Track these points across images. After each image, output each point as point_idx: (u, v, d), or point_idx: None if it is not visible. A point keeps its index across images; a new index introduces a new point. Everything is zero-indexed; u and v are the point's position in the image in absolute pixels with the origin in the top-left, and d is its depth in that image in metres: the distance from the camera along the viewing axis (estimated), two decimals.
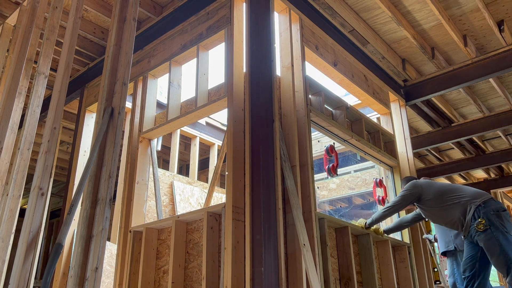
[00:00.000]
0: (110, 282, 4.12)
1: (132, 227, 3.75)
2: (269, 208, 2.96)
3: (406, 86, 5.73)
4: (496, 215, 3.43)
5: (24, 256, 2.77)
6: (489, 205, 3.48)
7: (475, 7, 4.62)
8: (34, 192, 2.99)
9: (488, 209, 3.46)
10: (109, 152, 2.78)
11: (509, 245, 3.37)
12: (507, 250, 3.35)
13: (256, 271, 2.74)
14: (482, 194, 3.59)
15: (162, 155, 8.35)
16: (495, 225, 3.40)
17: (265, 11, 3.54)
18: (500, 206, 3.49)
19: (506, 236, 3.39)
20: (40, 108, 3.61)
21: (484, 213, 3.45)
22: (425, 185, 3.79)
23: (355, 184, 5.84)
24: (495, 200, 3.55)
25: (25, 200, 8.39)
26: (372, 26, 4.86)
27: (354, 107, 4.78)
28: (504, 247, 3.36)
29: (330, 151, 4.11)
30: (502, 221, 3.42)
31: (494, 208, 3.46)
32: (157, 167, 4.32)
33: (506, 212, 3.49)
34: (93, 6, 4.64)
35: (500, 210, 3.46)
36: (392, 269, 3.98)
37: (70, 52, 3.46)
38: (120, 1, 3.37)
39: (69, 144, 7.41)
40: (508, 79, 5.93)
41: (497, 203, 3.53)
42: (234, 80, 3.35)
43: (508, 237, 3.40)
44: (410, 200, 3.78)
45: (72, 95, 5.52)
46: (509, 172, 9.09)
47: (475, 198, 3.55)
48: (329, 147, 4.15)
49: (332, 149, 4.14)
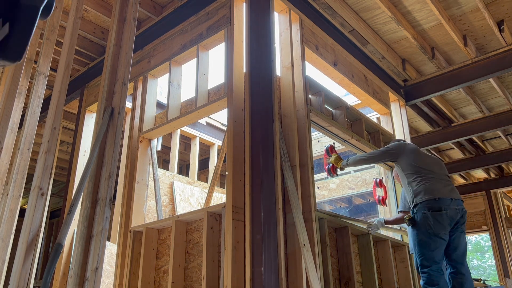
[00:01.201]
0: (110, 282, 4.12)
1: (132, 227, 3.75)
2: (269, 208, 2.96)
3: (406, 86, 5.73)
4: (430, 215, 3.24)
5: (24, 256, 2.77)
6: (429, 203, 3.28)
7: (475, 7, 4.62)
8: (34, 192, 2.99)
9: (424, 206, 3.28)
10: (109, 152, 2.78)
11: (424, 248, 3.22)
12: (419, 252, 3.24)
13: (256, 271, 2.74)
14: (438, 192, 3.32)
15: (162, 155, 8.35)
16: (419, 224, 3.27)
17: (265, 11, 3.54)
18: (438, 206, 3.25)
19: (427, 237, 3.23)
20: (40, 108, 3.60)
21: (418, 209, 3.31)
22: (409, 151, 3.59)
23: (355, 184, 5.84)
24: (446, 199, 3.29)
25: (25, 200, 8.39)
26: (372, 26, 4.86)
27: (354, 107, 4.78)
28: (418, 248, 3.25)
29: (330, 151, 4.11)
30: (430, 222, 3.23)
31: (431, 207, 3.26)
32: (157, 167, 4.32)
33: (441, 214, 3.25)
34: (93, 6, 4.64)
35: (437, 210, 3.25)
36: (392, 269, 3.98)
37: (70, 52, 3.46)
38: (120, 1, 3.37)
39: (69, 144, 7.41)
40: (508, 79, 5.93)
41: (440, 202, 3.27)
42: (234, 80, 3.35)
43: (426, 239, 3.23)
44: (387, 158, 3.67)
45: (72, 95, 5.52)
46: (509, 172, 9.09)
47: (430, 192, 3.31)
48: (329, 147, 4.15)
49: (332, 149, 4.14)
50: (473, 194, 9.40)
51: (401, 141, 3.78)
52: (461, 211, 3.34)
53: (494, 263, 9.09)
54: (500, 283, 8.77)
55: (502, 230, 8.80)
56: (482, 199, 9.26)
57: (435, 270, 3.18)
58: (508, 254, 8.54)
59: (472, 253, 21.55)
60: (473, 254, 21.50)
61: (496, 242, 8.74)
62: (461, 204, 3.37)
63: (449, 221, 3.26)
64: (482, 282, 8.54)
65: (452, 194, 3.35)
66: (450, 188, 3.39)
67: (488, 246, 20.53)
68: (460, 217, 3.34)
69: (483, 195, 9.25)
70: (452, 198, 3.32)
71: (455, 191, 3.41)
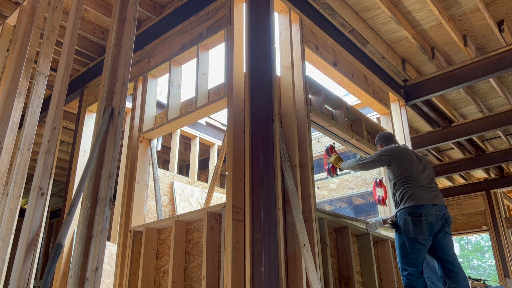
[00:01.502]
0: (110, 282, 4.12)
1: (132, 227, 3.75)
2: (269, 208, 2.96)
3: (406, 86, 5.73)
4: (410, 220, 3.31)
5: (24, 256, 2.77)
6: (410, 209, 3.34)
7: (475, 7, 4.62)
8: (34, 192, 2.98)
9: (405, 212, 3.35)
10: (109, 152, 2.78)
11: (404, 252, 3.31)
12: (400, 256, 3.34)
13: (256, 271, 2.74)
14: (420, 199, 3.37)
15: (162, 155, 8.35)
16: (401, 229, 3.35)
17: (265, 11, 3.54)
18: (418, 212, 3.31)
19: (407, 242, 3.29)
20: (40, 108, 3.60)
21: (400, 214, 3.39)
22: (403, 159, 3.58)
23: (355, 184, 5.84)
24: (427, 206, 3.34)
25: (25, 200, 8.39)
26: (372, 26, 4.86)
27: (354, 107, 4.78)
28: (399, 252, 3.35)
29: (330, 151, 4.11)
30: (410, 227, 3.29)
31: (411, 213, 3.32)
32: (157, 167, 4.32)
33: (420, 219, 3.30)
34: (93, 6, 4.64)
35: (416, 216, 3.31)
36: (392, 269, 3.98)
37: (70, 52, 3.46)
38: (120, 1, 3.37)
39: (69, 144, 7.41)
40: (508, 79, 5.93)
41: (421, 208, 3.32)
42: (234, 80, 3.35)
43: (406, 243, 3.30)
44: (382, 164, 3.69)
45: (72, 95, 5.52)
46: (509, 172, 9.09)
47: (413, 199, 3.37)
48: (329, 147, 4.15)
49: (332, 149, 4.15)
50: (473, 194, 9.40)
51: (395, 146, 3.78)
52: (443, 216, 3.40)
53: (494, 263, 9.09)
54: (500, 283, 8.78)
55: (502, 230, 8.80)
56: (482, 199, 9.26)
57: (413, 274, 3.26)
58: (508, 254, 8.54)
59: (472, 253, 21.55)
60: (473, 254, 21.49)
61: (496, 242, 8.74)
62: (444, 209, 3.44)
63: (428, 227, 3.31)
64: (482, 282, 8.54)
65: (435, 200, 3.41)
66: (433, 195, 3.45)
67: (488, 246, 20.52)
68: (444, 222, 3.40)
69: (483, 195, 9.25)
70: (434, 204, 3.38)
71: (438, 197, 3.47)
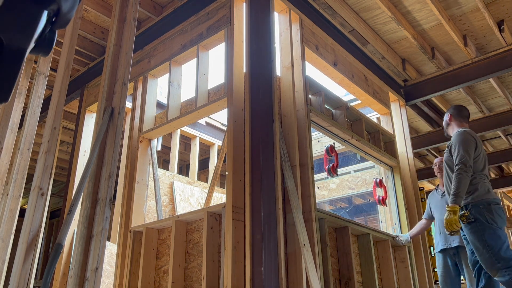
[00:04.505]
0: (110, 282, 4.12)
1: (132, 227, 3.75)
2: (269, 208, 2.96)
3: (406, 86, 5.73)
4: (486, 208, 3.15)
5: (24, 256, 2.77)
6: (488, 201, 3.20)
7: (475, 7, 4.62)
8: (34, 192, 2.99)
9: (477, 203, 3.18)
10: (109, 152, 2.78)
11: (494, 241, 3.06)
12: (491, 248, 3.07)
13: (256, 271, 2.74)
14: (493, 193, 3.28)
15: (162, 155, 8.35)
16: (480, 220, 3.12)
17: (265, 11, 3.54)
18: (496, 201, 3.20)
19: (492, 230, 3.10)
20: (40, 108, 3.61)
21: (473, 205, 3.19)
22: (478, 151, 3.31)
23: (355, 184, 5.84)
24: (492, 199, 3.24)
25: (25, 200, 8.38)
26: (372, 26, 4.86)
27: (354, 107, 4.78)
28: (489, 242, 3.08)
29: (330, 151, 4.11)
30: (492, 215, 3.12)
31: (486, 202, 3.17)
32: (157, 167, 4.32)
33: (498, 206, 3.20)
34: (93, 6, 4.64)
35: (492, 203, 3.19)
36: (392, 269, 3.98)
37: (70, 52, 3.46)
38: (120, 1, 3.37)
39: (69, 144, 7.41)
40: (508, 79, 5.93)
41: (490, 200, 3.21)
42: (234, 80, 3.35)
43: (494, 231, 3.10)
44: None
45: (72, 95, 5.51)
46: (509, 172, 9.09)
47: (488, 192, 3.23)
48: (329, 147, 4.15)
49: (332, 149, 4.15)
50: None
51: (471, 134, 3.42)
52: None
53: None
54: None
55: None
56: None
57: None
58: None
59: None
60: None
61: None
62: None
63: (504, 216, 3.24)
64: None
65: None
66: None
67: None
68: None
69: None
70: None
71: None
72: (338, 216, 3.74)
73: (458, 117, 3.59)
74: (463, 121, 3.57)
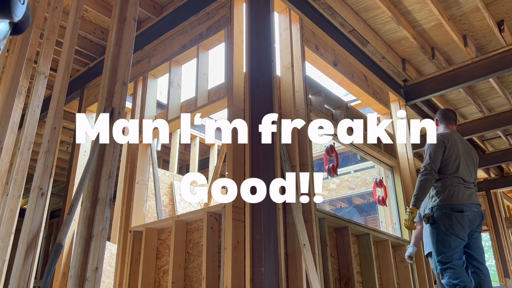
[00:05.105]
0: (110, 282, 4.12)
1: (132, 227, 3.75)
2: (269, 208, 2.96)
3: (406, 86, 5.73)
4: (447, 214, 3.20)
5: (24, 256, 2.77)
6: (451, 206, 3.24)
7: (475, 7, 4.62)
8: (34, 192, 2.98)
9: (441, 207, 3.25)
10: (109, 152, 2.78)
11: (443, 247, 3.18)
12: (438, 251, 3.20)
13: (256, 271, 2.74)
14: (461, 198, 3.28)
15: (162, 155, 8.35)
16: (438, 224, 3.23)
17: (265, 11, 3.54)
18: (460, 208, 3.22)
19: (446, 237, 3.19)
20: (40, 108, 3.60)
21: (437, 209, 3.26)
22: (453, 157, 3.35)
23: (355, 184, 5.84)
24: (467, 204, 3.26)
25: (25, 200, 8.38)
26: (372, 26, 4.86)
27: (354, 107, 4.78)
28: (438, 246, 3.21)
29: (330, 151, 4.11)
30: (450, 222, 3.19)
31: (453, 208, 3.22)
32: (157, 167, 4.32)
33: (461, 214, 3.21)
34: (93, 6, 4.64)
35: (455, 210, 3.22)
36: (392, 269, 3.98)
37: (70, 52, 3.46)
38: (120, 1, 3.37)
39: (69, 144, 7.41)
40: (508, 79, 5.93)
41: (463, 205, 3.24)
42: (234, 80, 3.35)
43: (447, 238, 3.18)
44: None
45: (72, 95, 5.51)
46: (509, 172, 9.09)
47: (454, 196, 3.27)
48: (329, 147, 4.15)
49: (332, 149, 4.15)
50: None
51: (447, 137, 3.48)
52: (480, 214, 3.34)
53: (494, 263, 9.08)
54: (500, 283, 8.77)
55: (502, 230, 8.80)
56: (482, 199, 9.25)
57: (456, 265, 3.14)
58: (508, 254, 8.53)
59: None
60: None
61: (496, 242, 8.74)
62: (480, 208, 3.37)
63: (469, 223, 3.24)
64: None
65: (473, 199, 3.33)
66: (470, 192, 3.36)
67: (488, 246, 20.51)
68: (480, 220, 3.34)
69: (483, 195, 9.24)
70: (472, 202, 3.30)
71: (475, 195, 3.39)
72: (338, 216, 3.74)
73: (443, 120, 3.68)
74: (448, 124, 3.65)
